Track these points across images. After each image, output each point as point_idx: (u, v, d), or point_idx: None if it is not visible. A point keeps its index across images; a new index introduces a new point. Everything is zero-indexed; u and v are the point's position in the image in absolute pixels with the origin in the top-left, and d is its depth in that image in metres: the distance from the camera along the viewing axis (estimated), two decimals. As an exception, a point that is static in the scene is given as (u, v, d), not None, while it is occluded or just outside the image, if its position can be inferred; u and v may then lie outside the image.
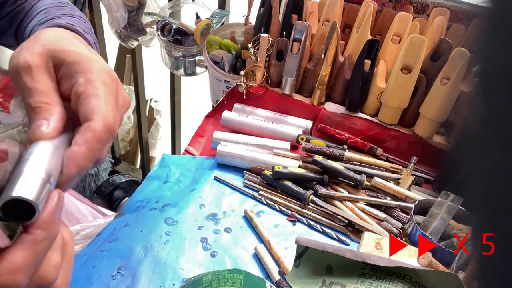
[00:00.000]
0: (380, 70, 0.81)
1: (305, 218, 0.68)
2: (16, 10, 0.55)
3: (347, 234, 0.66)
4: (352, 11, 0.92)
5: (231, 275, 0.47)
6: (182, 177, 0.76)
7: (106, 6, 1.30)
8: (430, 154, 0.79)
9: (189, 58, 1.25)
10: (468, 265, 0.50)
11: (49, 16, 0.47)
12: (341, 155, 0.75)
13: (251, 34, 0.94)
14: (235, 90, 0.90)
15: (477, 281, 0.21)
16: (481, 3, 0.19)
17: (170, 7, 1.30)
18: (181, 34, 1.19)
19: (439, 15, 0.84)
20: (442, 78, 0.74)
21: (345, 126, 0.84)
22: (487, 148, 0.19)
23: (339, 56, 0.85)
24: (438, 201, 0.64)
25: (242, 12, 1.06)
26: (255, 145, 0.80)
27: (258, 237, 0.65)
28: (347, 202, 0.70)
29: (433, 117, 0.76)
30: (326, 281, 0.49)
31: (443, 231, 0.61)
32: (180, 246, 0.63)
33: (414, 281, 0.48)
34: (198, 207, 0.70)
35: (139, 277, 0.57)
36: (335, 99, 0.87)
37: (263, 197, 0.72)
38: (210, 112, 0.91)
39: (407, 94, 0.78)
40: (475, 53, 0.31)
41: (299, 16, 0.91)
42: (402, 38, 0.82)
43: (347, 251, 0.49)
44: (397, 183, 0.73)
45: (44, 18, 0.48)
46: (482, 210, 0.20)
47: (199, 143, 0.86)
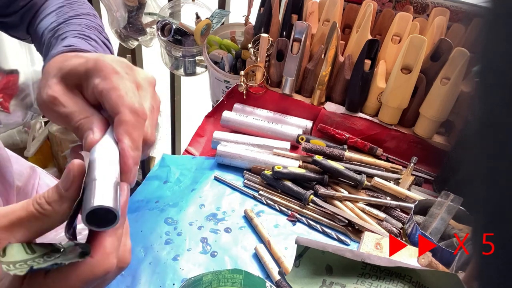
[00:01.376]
0: (380, 70, 0.81)
1: (305, 218, 0.68)
2: (28, 5, 0.56)
3: (347, 234, 0.66)
4: (352, 11, 0.92)
5: (231, 275, 0.47)
6: (182, 177, 0.76)
7: (106, 6, 1.30)
8: (430, 154, 0.79)
9: (189, 58, 1.25)
10: (468, 265, 0.50)
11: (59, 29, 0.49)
12: (341, 155, 0.75)
13: (251, 34, 0.94)
14: (235, 90, 0.90)
15: (477, 281, 0.21)
16: (481, 3, 0.19)
17: (170, 7, 1.30)
18: (181, 34, 1.19)
19: (439, 15, 0.84)
20: (442, 78, 0.74)
21: (345, 126, 0.84)
22: (487, 148, 0.19)
23: (339, 56, 0.85)
24: (438, 201, 0.64)
25: (242, 12, 1.06)
26: (255, 145, 0.80)
27: (258, 237, 0.65)
28: (347, 202, 0.70)
29: (433, 117, 0.76)
30: (326, 281, 0.49)
31: (443, 231, 0.61)
32: (180, 246, 0.63)
33: (414, 281, 0.48)
34: (198, 207, 0.70)
35: (139, 277, 0.57)
36: (335, 99, 0.87)
37: (263, 197, 0.72)
38: (210, 112, 0.91)
39: (407, 94, 0.78)
40: (475, 53, 0.31)
41: (299, 16, 0.91)
42: (402, 38, 0.82)
43: (347, 251, 0.49)
44: (397, 183, 0.73)
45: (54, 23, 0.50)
46: (482, 210, 0.20)
47: (199, 143, 0.86)
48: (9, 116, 1.37)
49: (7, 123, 1.39)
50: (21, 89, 1.35)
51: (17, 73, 1.32)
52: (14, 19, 0.57)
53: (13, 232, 0.29)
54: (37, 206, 0.30)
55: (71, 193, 0.30)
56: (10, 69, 1.30)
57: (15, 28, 0.59)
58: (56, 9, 0.52)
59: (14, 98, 1.35)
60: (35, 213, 0.30)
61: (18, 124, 1.45)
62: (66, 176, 0.30)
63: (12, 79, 1.31)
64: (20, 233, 0.29)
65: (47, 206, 0.30)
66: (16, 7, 0.56)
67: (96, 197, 0.29)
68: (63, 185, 0.30)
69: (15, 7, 0.56)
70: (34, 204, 0.30)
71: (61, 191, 0.30)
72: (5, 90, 1.30)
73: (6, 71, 1.29)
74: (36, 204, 0.30)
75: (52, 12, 0.52)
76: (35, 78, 1.39)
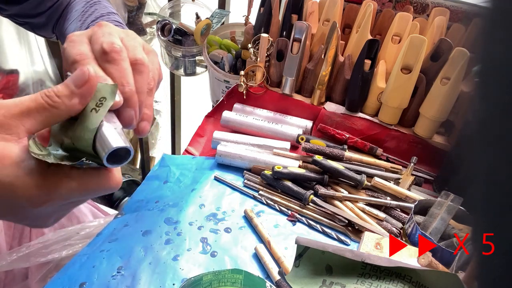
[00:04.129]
0: (380, 70, 0.81)
1: (305, 218, 0.68)
2: (54, 6, 0.59)
3: (347, 234, 0.66)
4: (352, 11, 0.92)
5: (231, 275, 0.47)
6: (182, 177, 0.76)
7: (106, 6, 1.30)
8: (430, 154, 0.79)
9: (189, 58, 1.25)
10: (468, 265, 0.50)
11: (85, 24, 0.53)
12: (341, 155, 0.75)
13: (251, 34, 0.94)
14: (235, 90, 0.90)
15: (477, 281, 0.21)
16: (481, 3, 0.19)
17: (170, 7, 1.30)
18: (181, 34, 1.19)
19: (439, 15, 0.84)
20: (442, 78, 0.74)
21: (345, 126, 0.84)
22: (487, 148, 0.19)
23: (339, 56, 0.85)
24: (438, 201, 0.64)
25: (242, 12, 1.06)
26: (255, 145, 0.80)
27: (258, 237, 0.65)
28: (347, 202, 0.70)
29: (433, 117, 0.76)
30: (326, 281, 0.49)
31: (443, 231, 0.61)
32: (180, 246, 0.63)
33: (414, 281, 0.48)
34: (198, 207, 0.70)
35: (139, 277, 0.57)
36: (335, 99, 0.87)
37: (263, 197, 0.72)
38: (210, 112, 0.91)
39: (407, 94, 0.78)
40: (475, 53, 0.31)
41: (299, 16, 0.91)
42: (402, 38, 0.82)
43: (347, 251, 0.49)
44: (397, 183, 0.73)
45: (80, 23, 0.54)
46: (482, 210, 0.20)
47: (199, 143, 0.86)
48: (9, 116, 1.36)
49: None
50: (21, 89, 1.35)
51: (17, 73, 1.32)
52: (40, 20, 0.61)
53: (22, 120, 0.32)
54: (46, 98, 0.33)
55: (83, 91, 0.33)
56: (10, 69, 1.30)
57: (41, 28, 0.62)
58: (80, 14, 0.56)
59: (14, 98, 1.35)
60: (44, 104, 0.32)
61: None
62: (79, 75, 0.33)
63: (12, 79, 1.31)
64: (29, 122, 0.32)
65: (56, 98, 0.33)
66: (43, 7, 0.59)
67: (111, 140, 0.33)
68: (76, 83, 0.33)
69: (43, 7, 0.59)
70: (43, 96, 0.33)
71: (72, 87, 0.33)
72: (5, 90, 1.30)
73: (6, 71, 1.29)
74: (45, 96, 0.33)
75: (76, 18, 0.56)
76: (35, 78, 1.39)
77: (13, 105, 0.32)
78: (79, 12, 0.56)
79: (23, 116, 0.32)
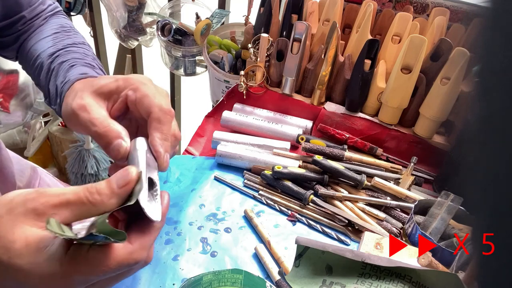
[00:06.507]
0: (380, 70, 0.81)
1: (305, 218, 0.68)
2: (24, 29, 0.59)
3: (347, 234, 0.66)
4: (352, 11, 0.92)
5: (231, 275, 0.47)
6: (182, 177, 0.76)
7: (106, 6, 1.30)
8: (430, 154, 0.79)
9: (189, 58, 1.25)
10: (468, 265, 0.50)
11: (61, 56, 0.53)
12: (341, 155, 0.75)
13: (251, 34, 0.94)
14: (235, 90, 0.90)
15: (477, 281, 0.21)
16: (481, 3, 0.19)
17: (170, 7, 1.30)
18: (181, 34, 1.19)
19: (439, 15, 0.84)
20: (442, 78, 0.74)
21: (345, 126, 0.84)
22: (487, 148, 0.19)
23: (339, 56, 0.85)
24: (438, 201, 0.64)
25: (242, 12, 1.06)
26: (255, 145, 0.80)
27: (258, 237, 0.65)
28: (347, 202, 0.70)
29: (433, 117, 0.76)
30: (326, 281, 0.49)
31: (443, 231, 0.61)
32: (180, 246, 0.63)
33: (414, 281, 0.48)
34: (198, 207, 0.70)
35: (139, 277, 0.57)
36: (335, 99, 0.87)
37: (263, 197, 0.72)
38: (210, 112, 0.91)
39: (407, 94, 0.78)
40: (475, 53, 0.31)
41: (299, 16, 0.91)
42: (402, 38, 0.82)
43: (347, 251, 0.49)
44: (397, 183, 0.73)
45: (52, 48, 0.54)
46: (482, 210, 0.20)
47: (199, 143, 0.86)
48: (9, 116, 1.37)
49: (7, 123, 1.39)
50: (21, 89, 1.35)
51: (17, 73, 1.32)
52: (9, 39, 0.60)
53: (59, 210, 0.33)
54: (87, 194, 0.33)
55: (122, 191, 0.34)
56: (10, 69, 1.30)
57: (7, 47, 0.61)
58: (52, 34, 0.56)
59: (14, 98, 1.35)
60: (84, 199, 0.33)
61: (18, 124, 1.45)
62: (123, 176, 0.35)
63: (12, 79, 1.31)
64: (65, 214, 0.33)
65: (97, 196, 0.33)
66: (15, 29, 0.59)
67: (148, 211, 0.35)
68: (118, 183, 0.34)
69: (15, 29, 0.59)
70: (85, 191, 0.33)
71: (114, 187, 0.34)
72: (5, 90, 1.30)
73: (6, 71, 1.29)
74: (87, 192, 0.33)
75: (48, 37, 0.56)
76: (35, 78, 1.38)
77: (55, 195, 0.33)
78: (50, 33, 0.56)
79: (61, 207, 0.33)
